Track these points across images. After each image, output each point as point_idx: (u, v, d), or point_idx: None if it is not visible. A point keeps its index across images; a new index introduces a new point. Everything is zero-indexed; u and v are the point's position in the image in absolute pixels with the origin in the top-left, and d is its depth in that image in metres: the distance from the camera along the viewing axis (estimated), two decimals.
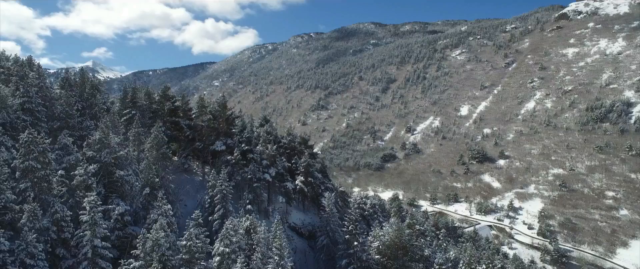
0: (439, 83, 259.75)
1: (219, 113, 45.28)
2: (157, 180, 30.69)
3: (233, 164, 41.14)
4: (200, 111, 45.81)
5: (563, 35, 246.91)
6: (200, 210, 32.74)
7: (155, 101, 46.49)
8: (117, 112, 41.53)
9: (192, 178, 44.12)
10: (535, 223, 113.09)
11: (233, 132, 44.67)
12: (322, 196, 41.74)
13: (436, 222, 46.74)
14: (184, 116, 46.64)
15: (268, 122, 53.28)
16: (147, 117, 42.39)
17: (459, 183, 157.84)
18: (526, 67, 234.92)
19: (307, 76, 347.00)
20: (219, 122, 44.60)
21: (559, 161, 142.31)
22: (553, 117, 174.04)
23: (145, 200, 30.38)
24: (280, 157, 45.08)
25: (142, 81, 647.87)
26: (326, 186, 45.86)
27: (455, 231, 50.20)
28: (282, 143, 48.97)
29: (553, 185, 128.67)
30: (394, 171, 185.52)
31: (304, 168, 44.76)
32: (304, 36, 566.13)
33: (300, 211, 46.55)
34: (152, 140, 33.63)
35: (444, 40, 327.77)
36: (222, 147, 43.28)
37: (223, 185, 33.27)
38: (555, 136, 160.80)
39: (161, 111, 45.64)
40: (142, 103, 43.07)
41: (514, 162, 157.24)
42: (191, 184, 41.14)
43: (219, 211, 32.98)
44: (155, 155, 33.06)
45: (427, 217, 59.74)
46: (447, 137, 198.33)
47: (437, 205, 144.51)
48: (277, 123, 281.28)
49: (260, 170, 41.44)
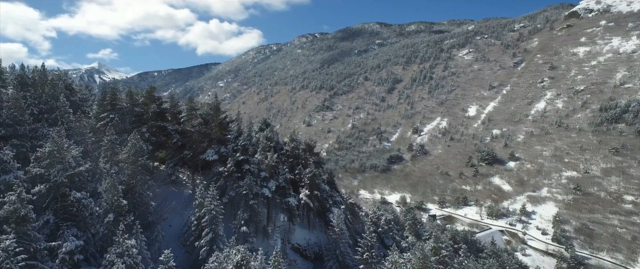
0: (446, 84, 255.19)
1: (211, 117, 40.17)
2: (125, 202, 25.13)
3: (226, 177, 36.16)
4: (190, 114, 40.70)
5: (573, 33, 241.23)
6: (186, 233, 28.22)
7: (139, 103, 41.28)
8: (94, 116, 36.66)
9: (181, 191, 38.90)
10: (549, 228, 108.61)
11: (227, 139, 40.03)
12: (329, 211, 37.65)
13: (454, 235, 42.88)
14: (173, 120, 42.07)
15: (269, 126, 47.51)
16: (128, 121, 37.33)
17: (468, 186, 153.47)
18: (535, 66, 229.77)
19: (311, 76, 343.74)
20: (211, 127, 39.66)
21: (572, 164, 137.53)
22: (565, 117, 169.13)
23: (108, 230, 24.82)
24: (283, 166, 40.00)
25: (146, 82, 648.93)
26: (334, 199, 40.78)
27: (475, 245, 46.46)
28: (284, 151, 43.88)
29: (567, 188, 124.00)
30: (400, 173, 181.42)
31: (309, 180, 39.35)
32: (308, 36, 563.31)
33: (304, 229, 40.97)
34: (129, 150, 28.19)
35: (450, 39, 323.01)
36: (214, 157, 38.10)
37: (212, 204, 28.27)
38: (567, 137, 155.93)
39: (145, 114, 40.64)
40: (122, 106, 37.92)
41: (525, 164, 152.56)
42: (179, 198, 35.99)
43: (207, 235, 28.15)
44: (133, 168, 27.74)
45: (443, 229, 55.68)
46: (455, 138, 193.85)
47: (445, 208, 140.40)
48: (282, 124, 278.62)
49: (258, 184, 36.51)
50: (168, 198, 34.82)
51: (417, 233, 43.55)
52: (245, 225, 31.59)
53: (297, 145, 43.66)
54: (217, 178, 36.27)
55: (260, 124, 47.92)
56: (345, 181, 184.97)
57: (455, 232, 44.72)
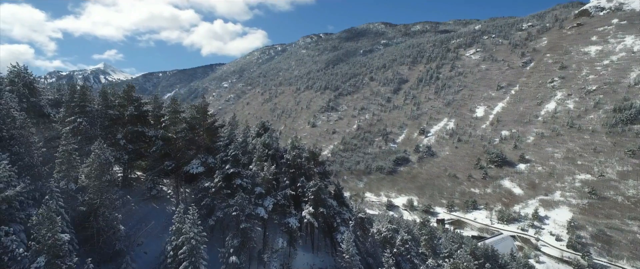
0: (452, 84, 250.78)
1: (198, 121, 34.40)
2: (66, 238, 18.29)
3: (213, 194, 30.08)
4: (173, 118, 34.86)
5: (584, 32, 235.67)
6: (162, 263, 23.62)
7: (114, 105, 35.53)
8: (60, 120, 31.07)
9: (163, 208, 33.17)
10: (563, 234, 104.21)
11: (217, 147, 34.38)
12: (337, 230, 32.81)
13: (473, 250, 39.25)
14: (156, 124, 36.73)
15: (267, 130, 41.01)
16: (99, 126, 31.51)
17: (477, 189, 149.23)
18: (545, 66, 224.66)
19: (316, 77, 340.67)
20: (197, 133, 34.24)
21: (585, 166, 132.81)
22: (576, 118, 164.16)
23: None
24: (283, 177, 34.12)
25: (151, 82, 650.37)
26: (343, 217, 34.58)
27: (497, 260, 42.57)
28: (284, 160, 37.73)
29: (581, 192, 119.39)
30: (407, 176, 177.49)
31: (314, 194, 33.54)
32: (313, 37, 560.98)
33: (308, 252, 35.56)
34: (91, 163, 22.70)
35: (457, 39, 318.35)
36: (200, 168, 32.15)
37: (192, 231, 22.75)
38: (580, 139, 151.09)
39: (122, 118, 35.20)
40: (92, 108, 31.64)
41: (536, 167, 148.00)
42: (160, 217, 30.10)
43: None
44: (97, 185, 22.24)
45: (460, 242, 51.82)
46: (463, 140, 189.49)
47: (454, 212, 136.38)
48: (286, 124, 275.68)
49: (252, 202, 30.64)
50: (147, 216, 29.82)
51: (433, 249, 39.81)
52: (236, 254, 26.45)
53: (300, 153, 37.54)
54: (203, 195, 30.71)
55: (258, 128, 41.88)
56: (351, 184, 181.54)
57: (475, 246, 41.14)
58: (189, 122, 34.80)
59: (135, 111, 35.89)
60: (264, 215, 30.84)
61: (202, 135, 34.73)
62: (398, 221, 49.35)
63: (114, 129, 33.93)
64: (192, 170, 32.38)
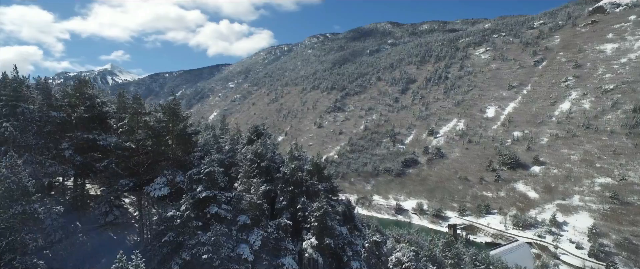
0: (462, 83, 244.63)
1: (165, 125, 26.29)
2: None
3: (179, 227, 21.60)
4: (133, 121, 26.57)
5: (599, 29, 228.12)
6: None
7: (60, 105, 27.66)
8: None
9: (123, 239, 26.59)
10: (584, 241, 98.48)
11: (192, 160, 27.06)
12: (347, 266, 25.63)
13: None
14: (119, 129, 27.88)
15: (261, 135, 32.99)
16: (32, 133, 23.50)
17: (490, 192, 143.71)
18: (558, 64, 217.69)
19: (322, 77, 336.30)
20: (164, 142, 26.39)
21: (605, 169, 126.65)
22: (593, 119, 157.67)
23: None
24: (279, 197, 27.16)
25: (158, 83, 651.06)
26: (354, 249, 26.93)
27: None
28: (281, 175, 29.85)
29: (602, 197, 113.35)
30: (416, 178, 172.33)
31: (318, 221, 25.75)
32: (319, 37, 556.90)
33: None
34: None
35: (466, 38, 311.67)
36: (164, 190, 24.39)
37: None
38: (597, 140, 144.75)
39: (69, 122, 27.09)
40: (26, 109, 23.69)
41: (551, 169, 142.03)
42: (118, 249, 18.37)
43: None
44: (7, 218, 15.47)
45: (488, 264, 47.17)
46: (473, 141, 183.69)
47: (466, 216, 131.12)
48: (292, 125, 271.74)
49: (233, 237, 23.37)
50: (99, 250, 22.57)
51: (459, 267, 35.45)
52: None
53: (300, 165, 29.90)
54: (165, 226, 22.20)
55: (250, 133, 33.10)
56: (358, 186, 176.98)
57: None
58: (152, 127, 26.30)
59: (86, 112, 27.21)
60: (248, 256, 22.89)
61: (171, 144, 26.59)
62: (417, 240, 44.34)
63: (60, 136, 26.29)
64: (154, 191, 24.23)
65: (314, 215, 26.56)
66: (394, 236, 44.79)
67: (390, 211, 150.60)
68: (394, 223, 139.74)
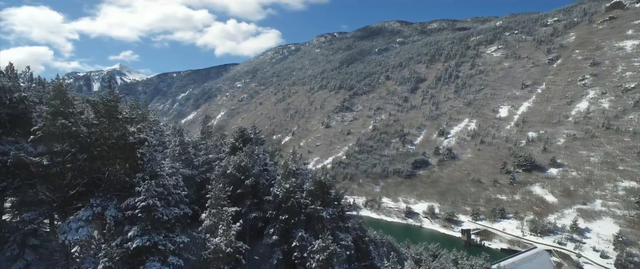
0: (473, 82, 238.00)
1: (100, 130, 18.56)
2: None
3: None
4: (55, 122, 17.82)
5: (618, 26, 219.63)
6: None
7: None
8: None
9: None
10: (610, 250, 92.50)
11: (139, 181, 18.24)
12: None
13: None
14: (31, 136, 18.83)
15: (248, 141, 25.09)
16: None
17: (504, 196, 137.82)
18: (574, 62, 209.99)
19: (330, 76, 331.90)
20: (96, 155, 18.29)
21: (629, 172, 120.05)
22: (613, 118, 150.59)
23: None
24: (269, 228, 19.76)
25: (165, 83, 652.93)
26: None
27: None
28: (270, 197, 22.16)
29: (627, 202, 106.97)
30: (426, 180, 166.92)
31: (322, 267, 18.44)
32: (327, 36, 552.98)
33: None
34: None
35: (477, 36, 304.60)
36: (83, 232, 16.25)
37: None
38: (618, 141, 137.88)
39: None
40: None
41: (570, 172, 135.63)
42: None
43: None
44: None
45: None
46: (486, 141, 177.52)
47: (480, 221, 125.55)
48: (299, 125, 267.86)
49: None
50: None
51: None
52: None
53: (299, 184, 22.23)
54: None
55: (235, 139, 24.74)
56: (367, 188, 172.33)
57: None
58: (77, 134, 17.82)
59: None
60: None
61: (109, 157, 18.35)
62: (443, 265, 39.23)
63: None
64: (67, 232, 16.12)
65: (315, 258, 18.93)
66: (412, 256, 40.16)
67: (400, 215, 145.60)
68: (403, 227, 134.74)
